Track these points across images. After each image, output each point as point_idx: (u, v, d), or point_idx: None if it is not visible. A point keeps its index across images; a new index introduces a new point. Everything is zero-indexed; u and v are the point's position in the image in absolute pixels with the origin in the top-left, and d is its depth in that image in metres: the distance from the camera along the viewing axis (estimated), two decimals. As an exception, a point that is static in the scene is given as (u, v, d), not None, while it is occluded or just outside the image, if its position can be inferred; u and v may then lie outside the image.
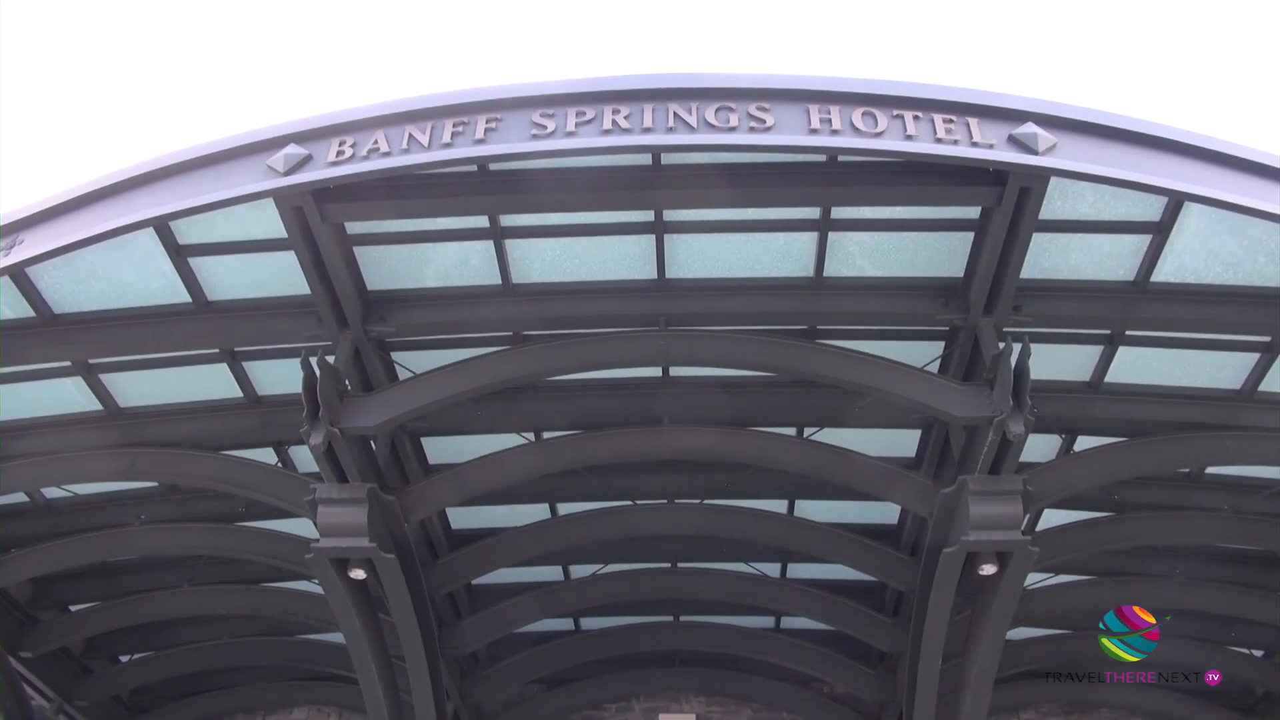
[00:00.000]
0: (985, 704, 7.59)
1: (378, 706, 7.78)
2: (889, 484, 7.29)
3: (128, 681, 10.18)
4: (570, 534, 8.25)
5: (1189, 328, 6.58)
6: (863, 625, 8.89)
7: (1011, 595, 6.92)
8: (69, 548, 8.21)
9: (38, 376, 7.07)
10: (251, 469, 7.37)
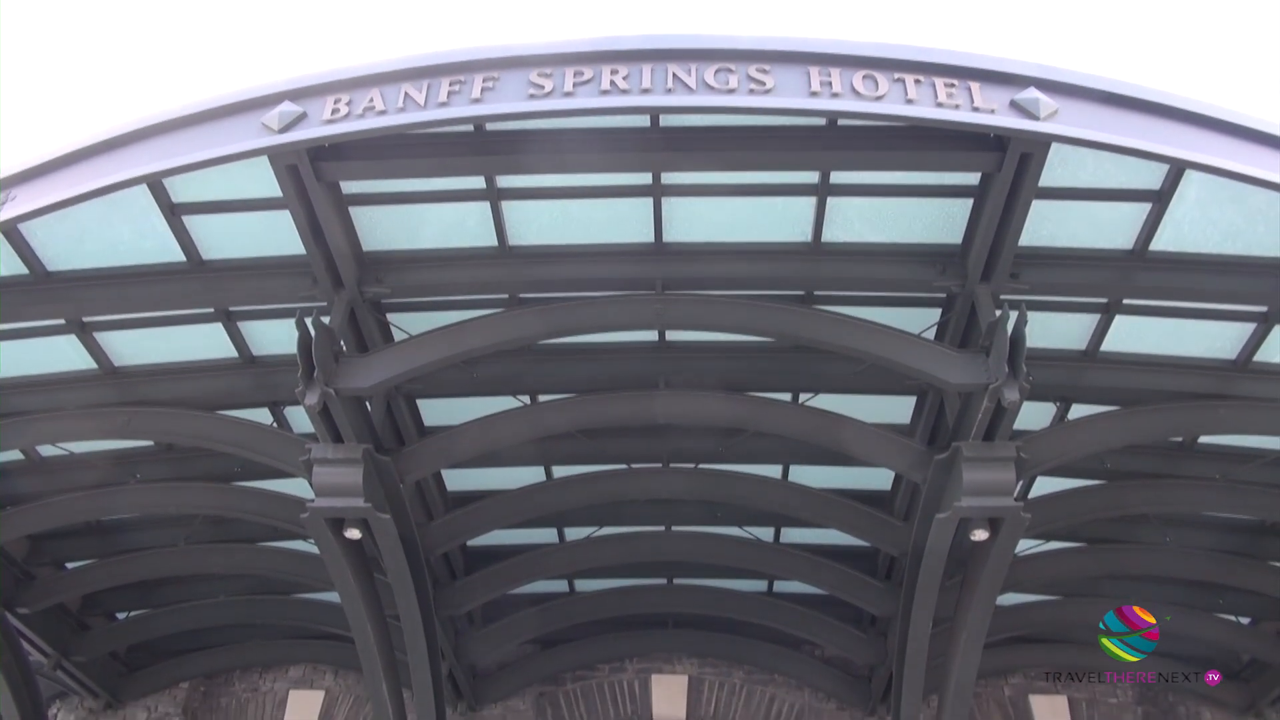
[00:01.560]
0: (974, 668, 7.67)
1: (373, 665, 7.85)
2: (883, 450, 7.32)
3: (124, 638, 10.27)
4: (565, 497, 8.28)
5: (1186, 297, 6.58)
6: (855, 589, 8.97)
7: (1002, 561, 6.97)
8: (64, 505, 8.24)
9: (32, 335, 7.05)
10: (247, 429, 7.37)
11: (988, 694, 10.46)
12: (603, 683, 10.64)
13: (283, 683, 10.82)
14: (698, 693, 10.55)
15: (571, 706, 10.52)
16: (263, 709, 10.67)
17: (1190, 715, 10.32)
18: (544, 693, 10.56)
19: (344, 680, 10.71)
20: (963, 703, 7.88)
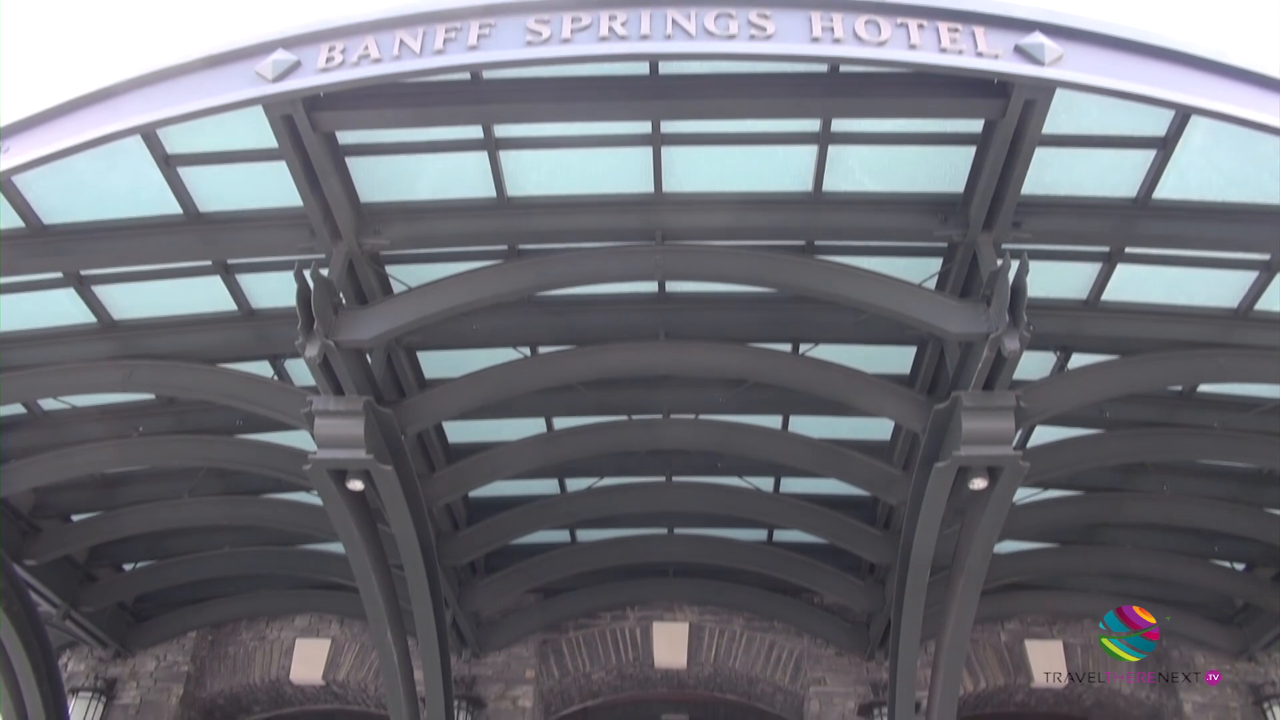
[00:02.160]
0: (971, 614, 7.76)
1: (378, 614, 7.95)
2: (883, 400, 7.33)
3: (131, 589, 10.40)
4: (566, 448, 8.32)
5: (1189, 245, 6.54)
6: (854, 538, 9.06)
7: (1000, 509, 7.02)
8: (68, 458, 8.28)
9: (30, 288, 7.02)
10: (248, 381, 7.38)
11: (984, 640, 10.63)
12: (604, 630, 10.80)
13: (289, 632, 10.99)
14: (698, 639, 10.71)
15: (574, 653, 10.69)
16: (270, 657, 10.84)
17: (1184, 660, 10.50)
18: (547, 640, 10.72)
19: (349, 629, 10.87)
20: (959, 648, 7.99)
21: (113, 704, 10.40)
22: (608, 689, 11.18)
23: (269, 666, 10.79)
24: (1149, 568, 9.88)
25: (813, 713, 10.23)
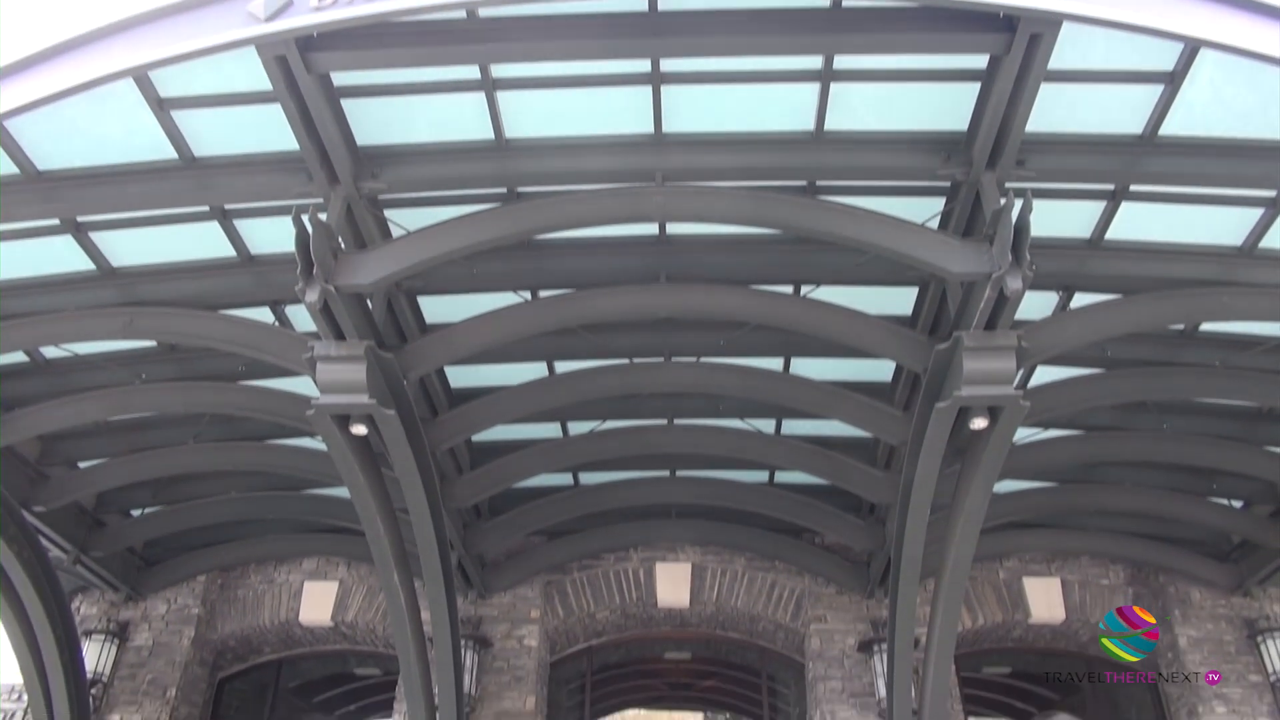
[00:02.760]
0: (970, 553, 7.86)
1: (384, 557, 8.05)
2: (884, 341, 7.33)
3: (140, 534, 10.52)
4: (568, 391, 8.34)
5: (1195, 182, 6.48)
6: (854, 478, 9.13)
7: (1000, 449, 7.06)
8: (72, 406, 8.32)
9: (27, 235, 6.98)
10: (249, 327, 7.37)
11: (983, 577, 10.77)
12: (608, 571, 10.95)
13: (297, 575, 11.15)
14: (701, 579, 10.86)
15: (578, 593, 10.85)
16: (279, 600, 11.02)
17: (1180, 596, 10.65)
18: (551, 581, 10.88)
19: (356, 572, 11.02)
20: (958, 586, 8.11)
21: (126, 646, 10.60)
22: (612, 628, 11.37)
23: (278, 609, 10.97)
24: (1147, 505, 9.97)
25: (813, 649, 10.41)
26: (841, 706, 10.01)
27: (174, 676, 10.40)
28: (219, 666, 11.39)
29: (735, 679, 11.95)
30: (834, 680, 10.16)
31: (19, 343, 7.58)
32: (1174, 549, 10.60)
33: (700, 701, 12.10)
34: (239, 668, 11.63)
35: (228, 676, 11.58)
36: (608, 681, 11.84)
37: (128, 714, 10.20)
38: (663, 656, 11.99)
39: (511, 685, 10.19)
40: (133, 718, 10.18)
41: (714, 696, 12.15)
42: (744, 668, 11.77)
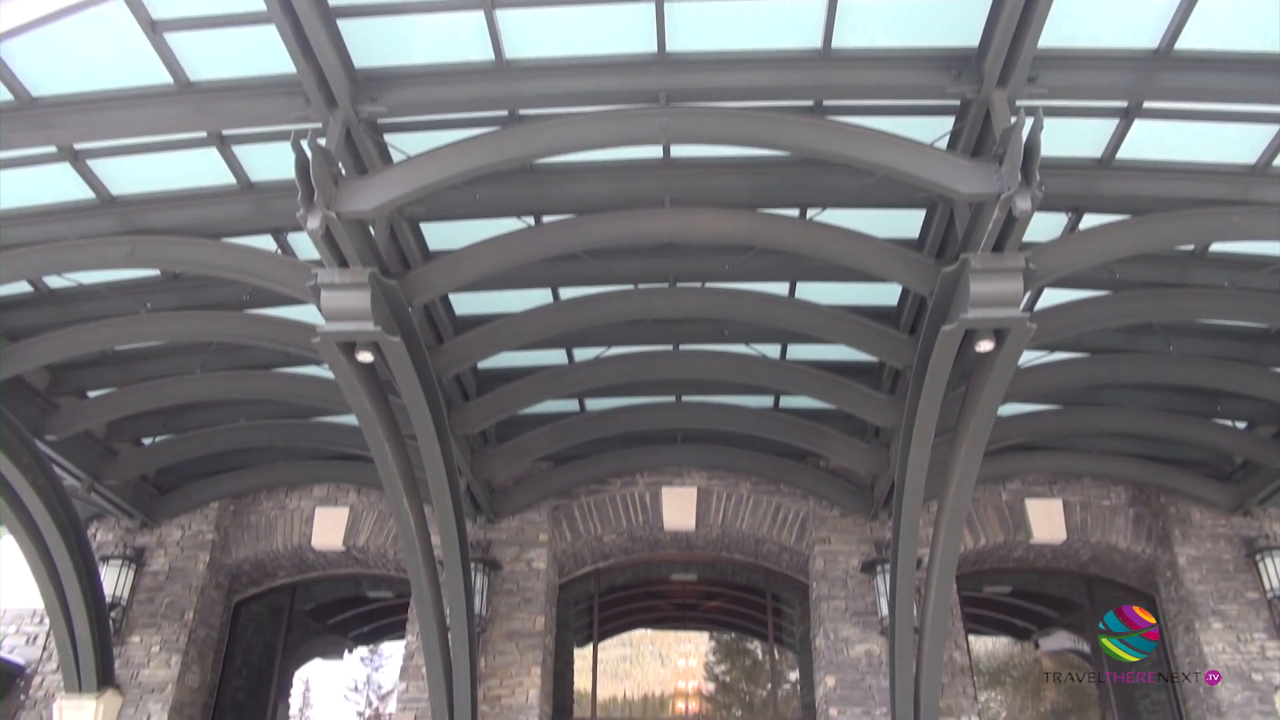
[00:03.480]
0: (974, 475, 7.92)
1: (393, 483, 8.14)
2: (891, 263, 7.26)
3: (152, 462, 10.65)
4: (573, 317, 8.32)
5: (1210, 98, 6.33)
6: (859, 403, 9.16)
7: (1005, 372, 7.06)
8: (78, 335, 8.34)
9: (25, 164, 6.91)
10: (252, 255, 7.33)
11: (985, 499, 10.89)
12: (615, 495, 11.08)
13: (308, 501, 11.31)
14: (706, 503, 11.00)
15: (585, 517, 11.01)
16: (291, 525, 11.20)
17: (1180, 516, 10.77)
18: (559, 505, 11.02)
19: (366, 497, 11.18)
20: (961, 508, 8.19)
21: (142, 571, 10.81)
22: (619, 551, 11.56)
23: (290, 534, 11.16)
24: (1151, 427, 10.01)
25: (817, 570, 10.59)
26: (844, 625, 10.22)
27: (191, 600, 10.63)
28: (234, 590, 11.65)
29: (740, 600, 12.18)
30: (837, 600, 10.36)
31: (21, 272, 7.56)
32: (1176, 470, 10.68)
33: (706, 622, 12.35)
34: (254, 591, 11.89)
35: (243, 600, 11.85)
36: (615, 603, 12.09)
37: (147, 636, 10.46)
38: (669, 578, 12.22)
39: (521, 606, 10.40)
40: (152, 639, 10.44)
41: (719, 617, 12.41)
42: (749, 589, 11.99)
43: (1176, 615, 10.62)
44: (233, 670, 11.52)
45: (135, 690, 10.17)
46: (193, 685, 10.54)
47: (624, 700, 11.64)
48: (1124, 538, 10.82)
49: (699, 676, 11.95)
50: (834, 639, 10.16)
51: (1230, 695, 9.76)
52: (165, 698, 10.12)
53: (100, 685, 9.86)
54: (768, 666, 11.69)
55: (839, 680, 9.96)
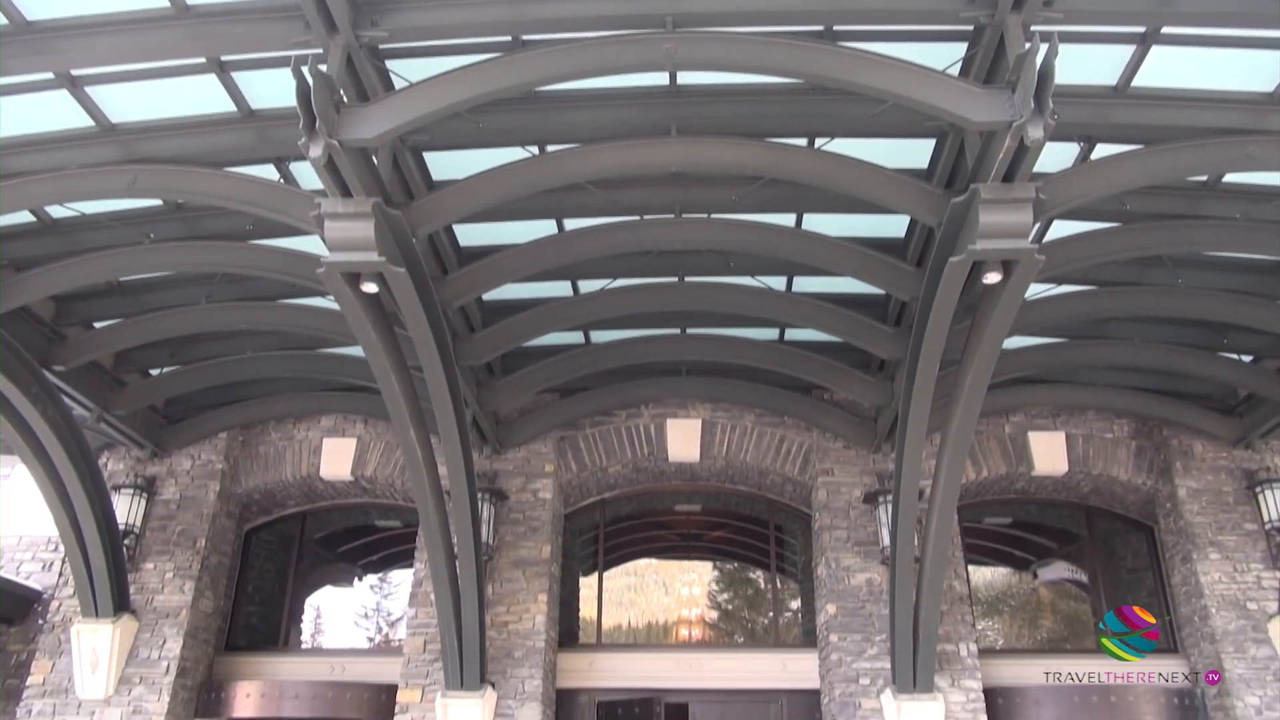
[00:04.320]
0: (978, 408, 7.94)
1: (400, 414, 8.19)
2: (899, 194, 7.18)
3: (160, 393, 10.72)
4: (578, 249, 8.27)
5: (1230, 22, 6.15)
6: (865, 335, 9.16)
7: (1012, 304, 7.03)
8: (82, 266, 8.32)
9: (22, 90, 6.80)
10: (254, 185, 7.27)
11: (988, 432, 10.95)
12: (620, 427, 11.16)
13: (316, 432, 11.40)
14: (710, 435, 11.07)
15: (591, 449, 11.10)
16: (299, 456, 11.31)
17: (1182, 449, 10.83)
18: (564, 437, 11.11)
19: (374, 428, 11.27)
20: (964, 440, 8.24)
21: (154, 500, 10.96)
22: (624, 481, 11.68)
23: (299, 464, 11.28)
24: (1156, 360, 10.00)
25: (820, 501, 10.70)
26: (846, 554, 10.36)
27: (203, 528, 10.80)
28: (245, 519, 11.82)
29: (744, 530, 12.35)
30: (839, 530, 10.49)
31: (23, 201, 7.51)
32: (1180, 403, 10.71)
33: (709, 552, 12.53)
34: (265, 520, 12.07)
35: (254, 528, 12.04)
36: (620, 533, 12.26)
37: (161, 563, 10.65)
38: (673, 509, 12.37)
39: (527, 535, 10.56)
40: (166, 566, 10.63)
41: (723, 547, 12.58)
42: (752, 519, 12.14)
43: (1174, 546, 10.75)
44: (245, 596, 11.76)
45: (150, 615, 10.40)
46: (206, 610, 10.77)
47: (628, 628, 11.88)
48: (1125, 470, 10.90)
49: (702, 605, 12.17)
50: (835, 568, 10.31)
51: (1225, 623, 9.93)
52: (180, 622, 10.35)
53: (116, 610, 10.08)
54: (770, 595, 11.90)
55: (840, 608, 10.14)
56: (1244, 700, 9.59)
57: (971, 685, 9.73)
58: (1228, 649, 9.82)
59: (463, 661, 9.41)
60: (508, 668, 9.95)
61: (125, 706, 9.94)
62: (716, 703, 10.85)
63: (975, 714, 9.60)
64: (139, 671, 10.11)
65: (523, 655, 10.02)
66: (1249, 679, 9.68)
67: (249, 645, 11.44)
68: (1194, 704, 10.08)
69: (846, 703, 9.72)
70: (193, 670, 10.45)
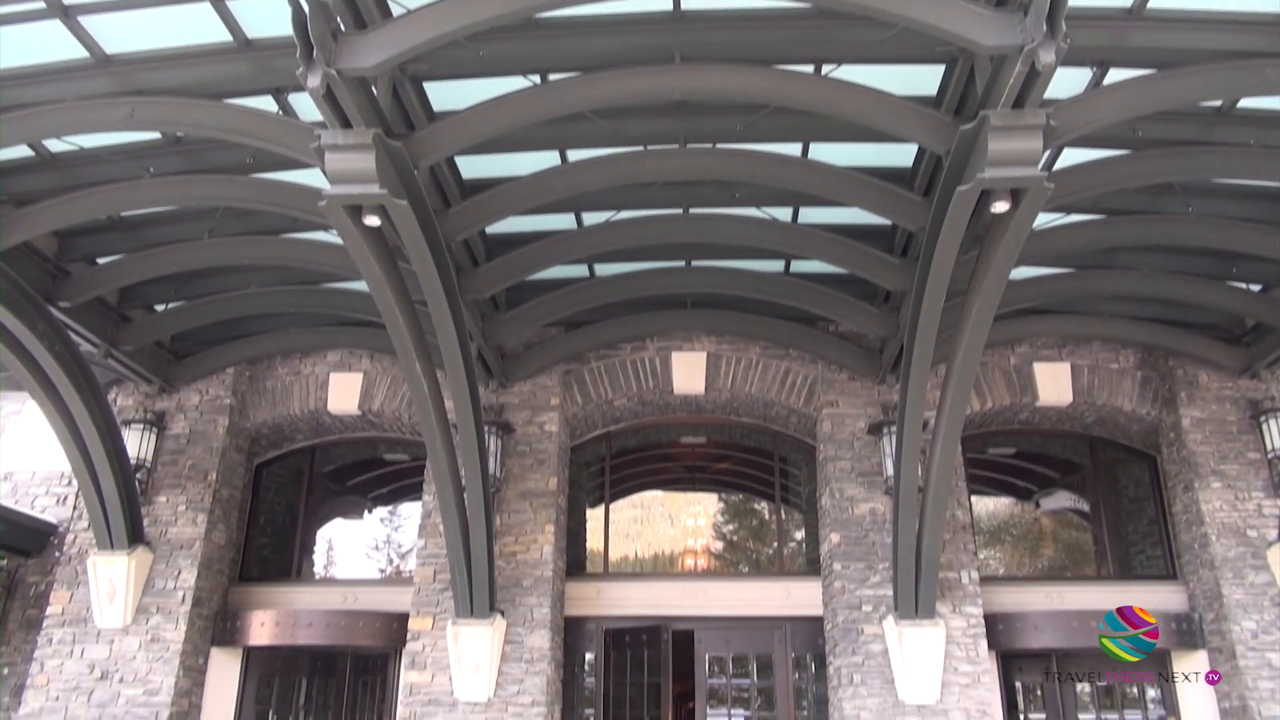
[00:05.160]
0: (983, 339, 7.93)
1: (405, 348, 8.21)
2: (908, 121, 7.05)
3: (166, 328, 10.74)
4: (581, 179, 8.18)
5: (1249, -60, 6.01)
6: (871, 266, 9.10)
7: (1020, 233, 6.97)
8: (83, 200, 8.26)
9: (14, 20, 6.68)
10: (253, 117, 7.17)
11: (993, 363, 10.96)
12: (625, 360, 11.19)
13: (322, 366, 11.46)
14: (715, 367, 11.10)
15: (596, 382, 11.14)
16: (307, 390, 11.38)
17: (1188, 379, 10.84)
18: (570, 370, 11.15)
19: (380, 363, 11.31)
20: (969, 371, 8.24)
21: (164, 434, 11.07)
22: (629, 414, 11.75)
23: (306, 399, 11.35)
24: (1164, 290, 9.95)
25: (824, 432, 10.77)
26: (850, 485, 10.46)
27: (213, 462, 10.92)
28: (255, 453, 11.95)
29: (748, 462, 12.45)
30: (844, 461, 10.57)
31: (20, 135, 7.42)
32: (1186, 333, 10.69)
33: (715, 483, 12.66)
34: (274, 454, 12.20)
35: (264, 462, 12.17)
36: (626, 465, 12.37)
37: (173, 496, 10.80)
38: (678, 441, 12.46)
39: (534, 468, 10.66)
40: (178, 499, 10.78)
41: (728, 479, 12.71)
42: (757, 451, 12.24)
43: (1176, 475, 10.83)
44: (257, 529, 11.95)
45: (165, 547, 10.58)
46: (219, 542, 10.94)
47: (635, 559, 12.06)
48: (1130, 400, 10.93)
49: (707, 536, 12.34)
50: (839, 498, 10.42)
51: (1225, 550, 10.06)
52: (194, 554, 10.53)
53: (131, 543, 10.26)
54: (774, 526, 12.05)
55: (843, 537, 10.28)
56: (1240, 625, 9.76)
57: (972, 611, 9.91)
58: (1226, 575, 9.96)
59: (472, 590, 9.59)
60: (516, 596, 10.14)
61: (144, 635, 10.17)
62: (722, 629, 11.07)
63: (975, 639, 9.79)
64: (156, 601, 10.33)
65: (531, 584, 10.21)
66: (1246, 604, 9.84)
67: (262, 576, 11.65)
68: (1191, 628, 10.26)
69: (849, 629, 9.90)
70: (208, 600, 10.67)
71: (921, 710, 9.49)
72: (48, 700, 9.93)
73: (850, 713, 9.58)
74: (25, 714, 9.90)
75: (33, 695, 9.98)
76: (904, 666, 9.56)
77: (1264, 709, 9.37)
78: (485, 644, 9.78)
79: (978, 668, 9.67)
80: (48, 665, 10.11)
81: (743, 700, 11.09)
